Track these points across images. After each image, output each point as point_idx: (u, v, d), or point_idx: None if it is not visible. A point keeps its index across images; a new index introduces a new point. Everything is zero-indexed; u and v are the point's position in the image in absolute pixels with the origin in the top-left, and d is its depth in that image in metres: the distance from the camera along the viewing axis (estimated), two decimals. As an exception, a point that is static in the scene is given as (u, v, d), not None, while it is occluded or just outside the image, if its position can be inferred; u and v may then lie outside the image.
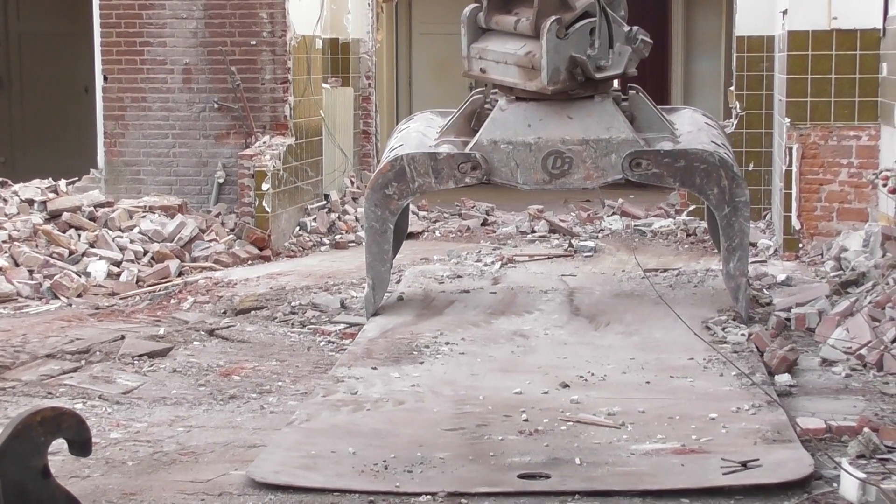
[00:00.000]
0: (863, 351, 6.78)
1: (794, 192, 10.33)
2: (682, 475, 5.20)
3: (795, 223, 10.34)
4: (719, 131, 9.01)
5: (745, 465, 5.21)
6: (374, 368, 7.04)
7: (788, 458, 5.29)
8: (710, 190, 8.16)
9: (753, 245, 10.72)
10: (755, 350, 7.22)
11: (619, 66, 8.39)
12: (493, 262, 10.47)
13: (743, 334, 7.57)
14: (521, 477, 5.24)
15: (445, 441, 5.74)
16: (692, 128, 8.65)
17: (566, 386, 6.57)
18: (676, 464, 5.34)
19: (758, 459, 5.24)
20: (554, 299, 8.93)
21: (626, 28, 8.43)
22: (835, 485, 4.77)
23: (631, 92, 8.60)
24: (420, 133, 8.71)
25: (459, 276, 9.85)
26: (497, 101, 8.55)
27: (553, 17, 8.06)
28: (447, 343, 7.63)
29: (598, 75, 8.28)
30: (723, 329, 7.77)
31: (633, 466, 5.34)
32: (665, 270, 10.00)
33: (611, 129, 8.27)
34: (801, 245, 10.33)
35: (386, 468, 5.32)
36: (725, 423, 5.84)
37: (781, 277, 9.29)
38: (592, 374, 6.84)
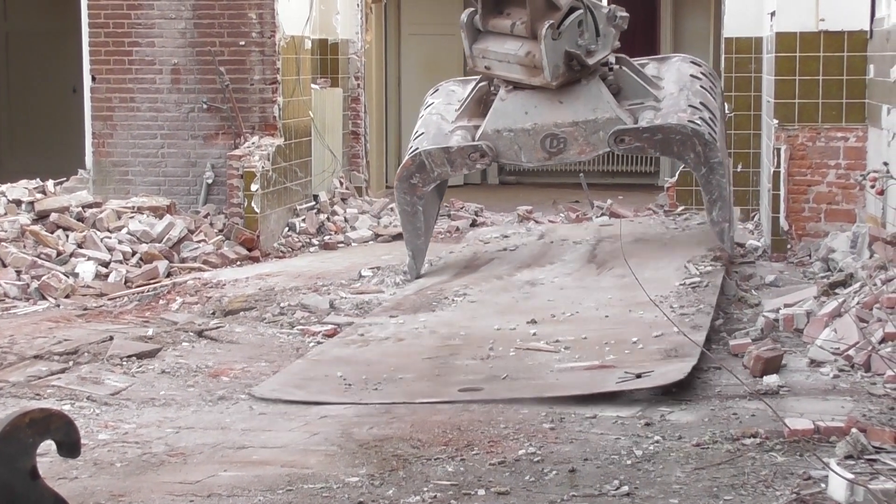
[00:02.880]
0: (851, 352, 6.79)
1: (782, 193, 10.35)
2: (582, 385, 6.35)
3: (783, 224, 10.36)
4: (704, 81, 9.85)
5: (639, 375, 6.31)
6: (394, 317, 8.17)
7: (673, 368, 6.37)
8: (687, 155, 9.23)
9: (741, 245, 10.80)
10: (714, 285, 8.38)
11: (606, 47, 9.44)
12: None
13: (707, 269, 8.83)
14: (461, 391, 6.40)
15: (417, 366, 6.93)
16: (675, 87, 9.59)
17: (534, 322, 7.72)
18: (585, 376, 6.51)
19: (652, 371, 6.35)
20: (580, 249, 10.11)
21: (606, 9, 9.41)
22: (823, 485, 4.77)
23: (616, 66, 9.54)
24: (440, 116, 9.77)
25: (506, 236, 11.08)
26: (499, 87, 9.48)
27: (547, 23, 8.89)
28: (465, 294, 8.70)
29: (591, 61, 9.24)
30: (696, 267, 8.94)
31: (550, 380, 6.53)
32: (681, 214, 11.58)
33: (597, 110, 9.25)
34: (789, 246, 10.35)
35: (349, 386, 6.60)
36: (644, 345, 6.99)
37: (770, 278, 9.31)
38: (564, 313, 7.97)
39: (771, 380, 6.49)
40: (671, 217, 11.61)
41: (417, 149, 9.46)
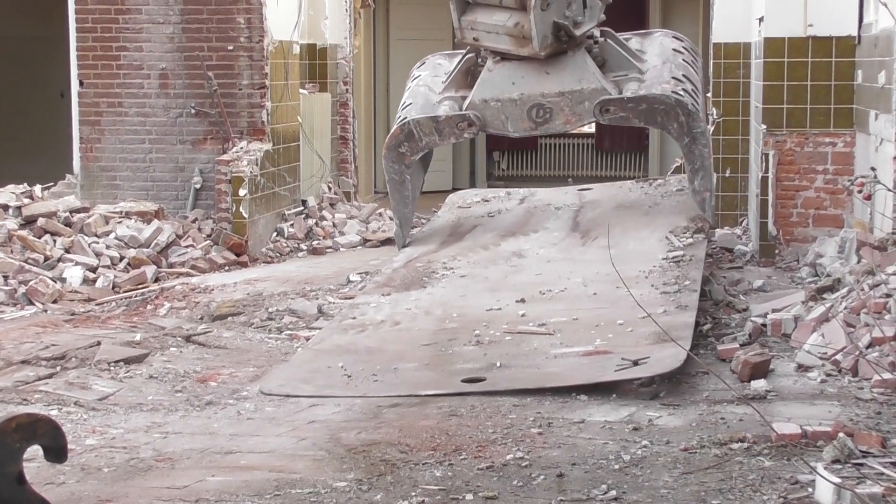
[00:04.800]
0: (838, 356, 6.80)
1: (770, 198, 10.36)
2: (582, 374, 6.48)
3: (772, 229, 10.38)
4: (685, 55, 10.11)
5: (636, 362, 6.45)
6: (388, 295, 8.34)
7: (667, 354, 6.47)
8: (670, 125, 9.47)
9: (727, 245, 10.86)
10: (697, 259, 8.61)
11: (592, 19, 9.67)
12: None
13: (689, 242, 9.06)
14: (464, 381, 6.52)
15: (418, 354, 7.05)
16: (658, 60, 9.86)
17: (523, 301, 7.89)
18: (583, 363, 6.65)
19: (648, 357, 6.49)
20: (562, 216, 10.28)
21: None
22: (810, 490, 4.78)
23: (601, 39, 9.79)
24: (427, 88, 10.00)
25: (487, 201, 11.25)
26: (487, 58, 9.70)
27: None
28: (454, 268, 8.89)
29: (578, 32, 9.45)
30: (679, 240, 9.14)
31: (548, 368, 6.64)
32: (656, 180, 11.76)
33: (582, 81, 9.48)
34: (777, 251, 10.36)
35: (350, 377, 6.71)
36: (634, 327, 7.10)
37: (758, 283, 9.32)
38: (551, 290, 8.14)
39: (759, 384, 6.50)
40: (650, 183, 11.63)
41: (406, 118, 9.71)
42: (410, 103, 9.93)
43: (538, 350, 6.99)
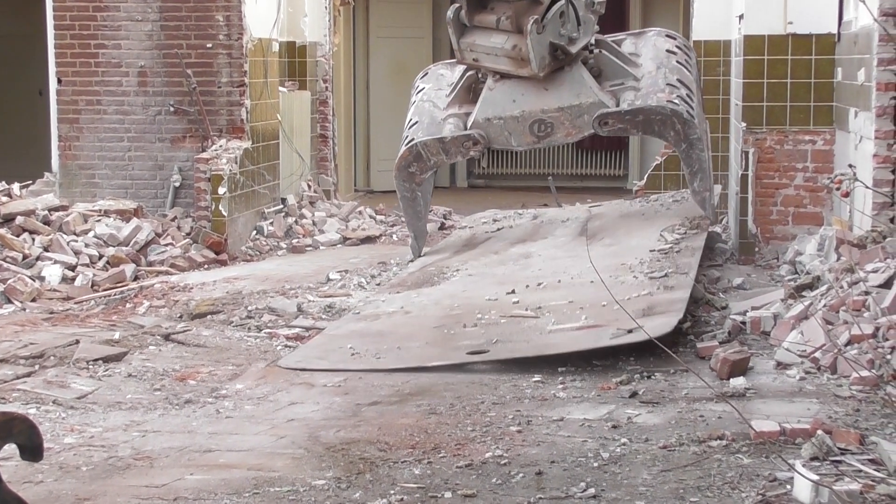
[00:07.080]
0: (817, 354, 6.81)
1: (750, 196, 10.38)
2: (578, 342, 7.05)
3: (751, 227, 10.39)
4: (679, 55, 10.30)
5: (630, 331, 6.81)
6: (399, 293, 8.87)
7: (659, 323, 6.98)
8: (667, 133, 9.77)
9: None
10: (692, 248, 9.04)
11: (587, 33, 9.85)
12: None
13: (681, 237, 9.47)
14: (468, 353, 7.12)
15: (426, 335, 7.59)
16: (653, 65, 10.05)
17: (513, 292, 8.34)
18: (579, 336, 7.18)
19: (642, 327, 6.56)
20: (570, 225, 10.78)
21: None
22: (788, 487, 4.79)
23: (595, 51, 9.97)
24: (431, 103, 10.23)
25: (497, 220, 11.70)
26: (487, 75, 9.94)
27: (532, 18, 9.31)
28: (464, 269, 9.37)
29: (573, 49, 9.66)
30: (672, 235, 9.53)
31: (546, 340, 7.22)
32: (655, 195, 12.15)
33: (580, 95, 9.72)
34: (756, 249, 10.38)
35: (358, 354, 7.27)
36: (627, 305, 7.14)
37: (737, 281, 9.33)
38: (542, 283, 8.57)
39: (737, 382, 6.51)
40: (647, 200, 11.93)
41: (413, 140, 9.96)
42: (416, 122, 10.16)
43: (534, 328, 7.50)
